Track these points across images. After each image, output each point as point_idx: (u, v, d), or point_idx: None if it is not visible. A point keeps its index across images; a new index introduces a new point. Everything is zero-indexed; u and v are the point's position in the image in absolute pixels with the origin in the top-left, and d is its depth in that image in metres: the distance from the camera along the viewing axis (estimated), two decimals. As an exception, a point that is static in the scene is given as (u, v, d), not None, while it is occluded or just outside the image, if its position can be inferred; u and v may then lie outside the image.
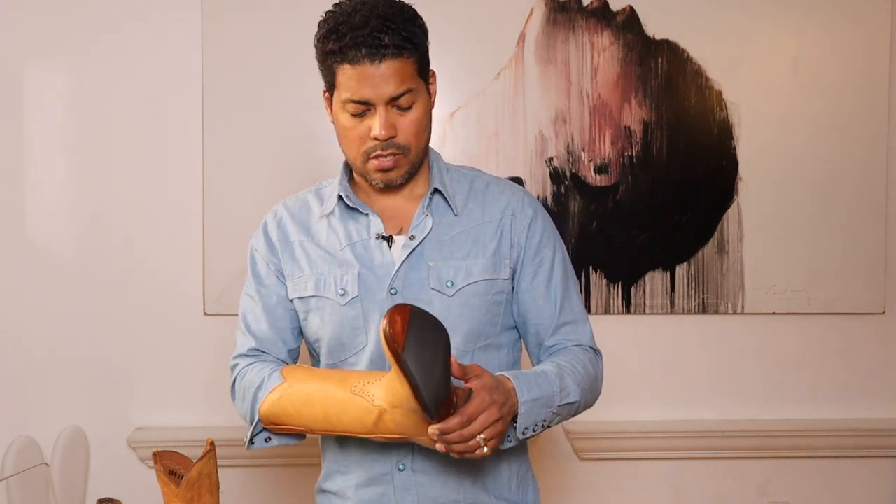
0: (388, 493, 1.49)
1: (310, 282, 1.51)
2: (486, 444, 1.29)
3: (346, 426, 1.37)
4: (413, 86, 1.42)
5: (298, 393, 1.41)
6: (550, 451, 2.47)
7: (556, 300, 1.53)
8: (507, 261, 1.51)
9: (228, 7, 2.37)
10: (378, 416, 1.33)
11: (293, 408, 1.41)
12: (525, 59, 2.42)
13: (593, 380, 1.51)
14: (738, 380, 2.49)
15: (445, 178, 1.54)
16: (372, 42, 1.37)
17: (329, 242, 1.52)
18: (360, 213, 1.53)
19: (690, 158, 2.45)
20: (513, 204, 1.54)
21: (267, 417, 1.44)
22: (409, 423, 1.31)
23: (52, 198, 2.38)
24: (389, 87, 1.40)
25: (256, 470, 2.42)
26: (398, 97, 1.41)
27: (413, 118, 1.44)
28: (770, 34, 2.46)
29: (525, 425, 1.37)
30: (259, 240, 1.58)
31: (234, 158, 2.39)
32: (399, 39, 1.39)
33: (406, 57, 1.40)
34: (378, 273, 1.48)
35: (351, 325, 1.48)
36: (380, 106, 1.41)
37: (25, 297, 2.37)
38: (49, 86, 2.37)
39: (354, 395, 1.35)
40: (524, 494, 1.57)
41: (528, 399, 1.36)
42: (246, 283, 1.59)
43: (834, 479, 2.50)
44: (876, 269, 2.48)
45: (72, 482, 2.29)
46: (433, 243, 1.49)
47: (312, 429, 1.42)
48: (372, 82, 1.39)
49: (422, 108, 1.45)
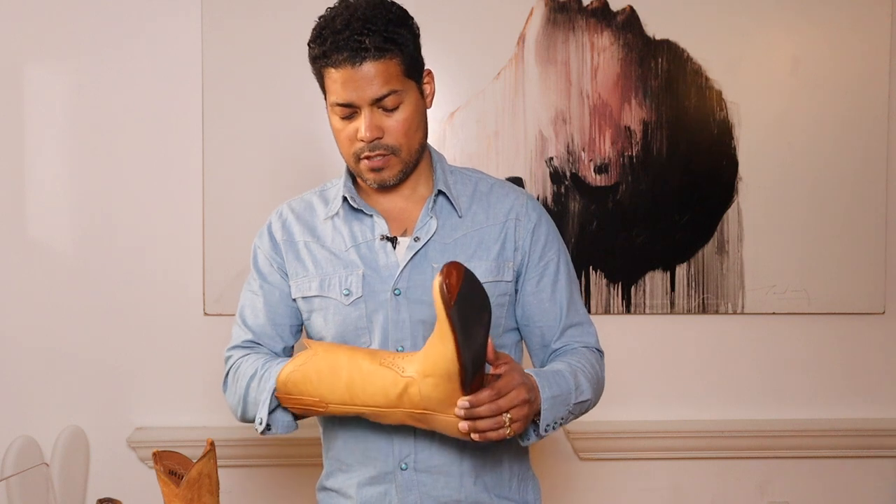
0: (390, 492, 1.49)
1: (314, 282, 1.52)
2: (511, 424, 1.29)
3: (368, 397, 1.35)
4: (398, 87, 1.43)
5: (325, 360, 1.39)
6: (550, 451, 2.47)
7: (561, 303, 1.55)
8: (511, 264, 1.53)
9: (228, 7, 2.37)
10: (404, 388, 1.31)
11: (317, 375, 1.38)
12: (525, 59, 2.42)
13: (600, 379, 1.54)
14: (738, 380, 2.49)
15: (449, 179, 1.55)
16: (352, 45, 1.39)
17: (334, 243, 1.53)
18: (365, 215, 1.54)
19: (690, 158, 2.45)
20: (517, 207, 1.55)
21: (285, 384, 1.41)
22: (437, 395, 1.29)
23: (52, 198, 2.38)
24: (372, 89, 1.41)
25: (256, 470, 2.42)
26: (381, 98, 1.42)
27: (400, 119, 1.44)
28: (770, 34, 2.46)
29: (547, 422, 1.39)
30: (263, 238, 1.59)
31: (234, 158, 2.39)
32: (380, 41, 1.39)
33: (389, 58, 1.41)
34: (382, 274, 1.49)
35: (355, 325, 1.50)
36: (364, 108, 1.42)
37: (26, 297, 2.37)
38: (49, 86, 2.38)
39: (383, 367, 1.34)
40: (524, 494, 1.58)
41: (549, 396, 1.38)
42: (248, 279, 1.60)
43: (834, 479, 2.50)
44: (876, 269, 2.48)
45: (72, 482, 2.29)
46: (437, 245, 1.50)
47: (329, 400, 1.38)
48: (354, 85, 1.41)
49: (410, 108, 1.45)
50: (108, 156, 2.39)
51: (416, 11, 2.39)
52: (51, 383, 2.38)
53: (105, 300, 2.38)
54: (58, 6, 2.36)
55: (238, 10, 2.37)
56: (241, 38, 2.38)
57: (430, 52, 2.40)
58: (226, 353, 1.58)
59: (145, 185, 2.39)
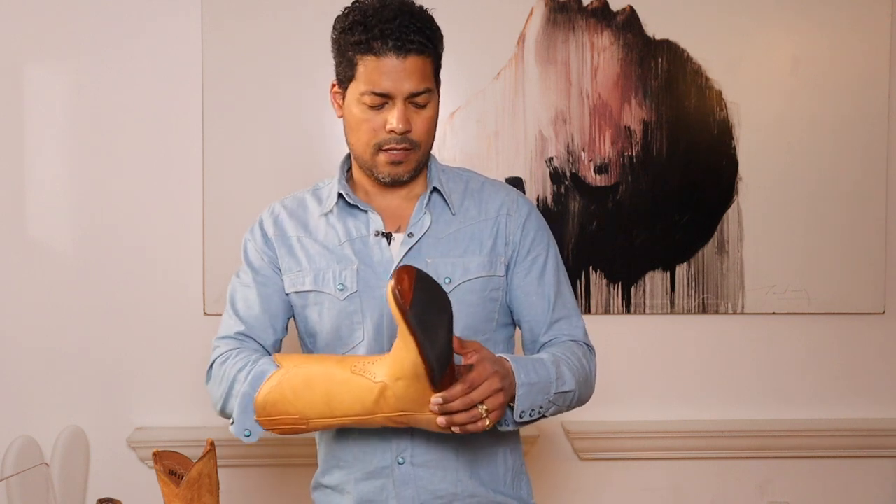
0: (387, 487, 1.50)
1: (308, 276, 1.53)
2: (487, 415, 1.29)
3: (346, 408, 1.35)
4: (430, 85, 1.47)
5: (297, 376, 1.38)
6: (550, 451, 2.47)
7: (549, 296, 1.56)
8: (503, 258, 1.54)
9: (228, 8, 2.37)
10: (379, 394, 1.32)
11: (293, 392, 1.37)
12: (525, 59, 2.42)
13: (587, 373, 1.52)
14: (738, 380, 2.49)
15: (442, 178, 1.57)
16: (400, 35, 1.41)
17: (328, 238, 1.54)
18: (360, 211, 1.54)
19: (690, 158, 2.45)
20: (508, 203, 1.57)
21: (264, 405, 1.40)
22: (412, 395, 1.30)
23: (52, 198, 2.38)
24: (411, 83, 1.43)
25: (256, 470, 2.42)
26: (417, 94, 1.44)
27: (427, 116, 1.47)
28: (770, 34, 2.46)
29: (522, 408, 1.39)
30: (254, 233, 1.59)
31: (234, 158, 2.39)
32: (424, 38, 1.43)
33: (427, 56, 1.45)
34: (377, 269, 1.50)
35: (349, 320, 1.50)
36: (398, 100, 1.44)
37: (25, 297, 2.37)
38: (49, 86, 2.37)
39: (355, 375, 1.34)
40: (518, 489, 1.59)
41: (526, 382, 1.38)
42: (238, 272, 1.60)
43: (834, 479, 2.50)
44: (876, 269, 2.48)
45: (72, 482, 2.29)
46: (431, 240, 1.51)
47: (309, 415, 1.38)
48: (394, 76, 1.42)
49: (435, 108, 1.49)
50: (108, 156, 2.39)
51: (416, 11, 2.40)
52: (51, 383, 2.38)
53: (105, 300, 2.38)
54: (58, 6, 2.36)
55: (238, 10, 2.37)
56: (241, 38, 2.38)
57: (430, 52, 2.41)
58: (214, 343, 1.56)
59: (145, 184, 2.39)
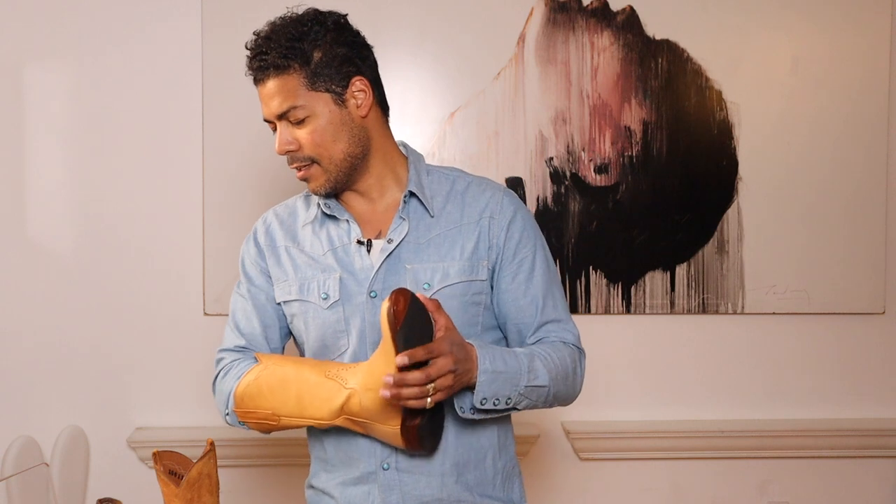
0: (372, 492, 1.50)
1: (294, 286, 1.55)
2: (432, 393, 1.32)
3: (315, 410, 1.42)
4: (300, 101, 1.46)
5: (274, 374, 1.46)
6: (550, 451, 2.47)
7: (536, 299, 1.54)
8: (485, 262, 1.52)
9: (228, 8, 2.37)
10: (346, 399, 1.39)
11: (268, 389, 1.46)
12: (525, 59, 2.42)
13: (569, 373, 1.51)
14: (738, 380, 2.49)
15: (424, 180, 1.55)
16: (257, 64, 1.47)
17: (313, 248, 1.56)
18: (340, 220, 1.55)
19: (690, 158, 2.45)
20: (492, 205, 1.54)
21: (241, 397, 1.49)
22: (376, 407, 1.37)
23: (52, 198, 2.38)
24: (274, 104, 1.47)
25: (256, 470, 2.42)
26: (284, 114, 1.47)
27: (309, 131, 1.47)
28: (770, 34, 2.46)
29: (484, 395, 1.39)
30: (249, 244, 1.63)
31: (234, 158, 2.39)
32: (278, 57, 1.44)
33: (290, 73, 1.45)
34: (359, 277, 1.51)
35: (333, 329, 1.52)
36: (278, 123, 1.49)
37: (25, 297, 2.37)
38: (49, 86, 2.37)
39: (328, 379, 1.41)
40: (509, 491, 1.58)
41: (491, 370, 1.39)
42: (238, 283, 1.64)
43: (834, 479, 2.50)
44: (876, 269, 2.48)
45: (72, 482, 2.29)
46: (410, 246, 1.51)
47: (281, 413, 1.45)
48: (264, 101, 1.49)
49: (322, 119, 1.47)
50: (107, 156, 2.39)
51: (417, 12, 2.41)
52: (51, 383, 2.38)
53: (105, 300, 2.38)
54: (58, 6, 2.36)
55: (238, 11, 2.37)
56: (241, 38, 2.36)
57: (431, 52, 2.41)
58: (217, 355, 1.62)
59: (145, 185, 2.39)
